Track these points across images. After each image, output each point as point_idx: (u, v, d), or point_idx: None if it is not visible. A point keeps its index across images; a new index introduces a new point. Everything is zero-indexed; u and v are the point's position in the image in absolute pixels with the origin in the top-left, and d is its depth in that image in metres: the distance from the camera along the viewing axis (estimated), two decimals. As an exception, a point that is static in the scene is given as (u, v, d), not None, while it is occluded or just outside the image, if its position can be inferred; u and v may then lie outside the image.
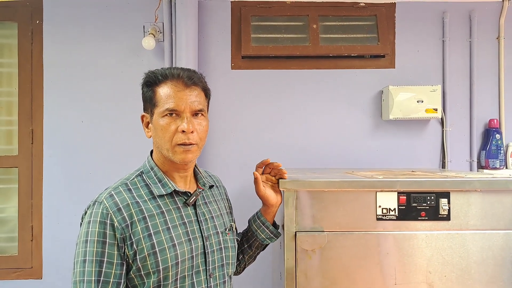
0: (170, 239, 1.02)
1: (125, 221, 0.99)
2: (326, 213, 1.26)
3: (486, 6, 2.23)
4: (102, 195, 1.03)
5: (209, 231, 1.12)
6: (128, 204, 1.01)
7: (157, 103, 1.06)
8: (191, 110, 1.05)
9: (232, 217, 1.30)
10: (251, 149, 2.23)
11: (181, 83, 1.06)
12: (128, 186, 1.05)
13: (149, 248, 0.99)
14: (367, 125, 2.24)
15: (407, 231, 1.25)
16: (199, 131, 1.07)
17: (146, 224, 1.01)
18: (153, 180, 1.08)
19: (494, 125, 2.18)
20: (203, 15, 2.23)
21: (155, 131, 1.08)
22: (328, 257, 1.25)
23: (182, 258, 1.03)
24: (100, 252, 0.96)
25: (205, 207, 1.15)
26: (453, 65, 2.23)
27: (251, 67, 2.24)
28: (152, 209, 1.03)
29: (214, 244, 1.12)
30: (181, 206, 1.09)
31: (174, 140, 1.05)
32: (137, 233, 0.99)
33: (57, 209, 2.19)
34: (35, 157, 2.20)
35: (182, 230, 1.06)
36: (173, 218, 1.06)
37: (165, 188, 1.07)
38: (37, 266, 2.19)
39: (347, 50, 2.19)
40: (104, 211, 0.99)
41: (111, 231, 0.97)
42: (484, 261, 1.25)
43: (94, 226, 0.98)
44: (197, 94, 1.08)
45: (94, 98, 2.21)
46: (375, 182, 1.25)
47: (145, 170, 1.11)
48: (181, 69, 1.08)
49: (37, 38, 2.21)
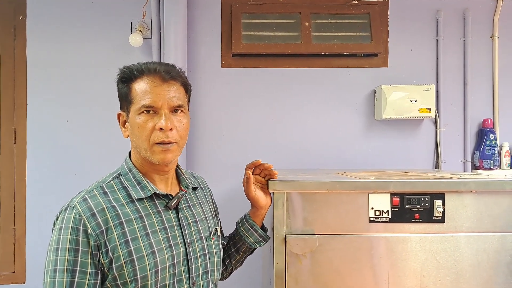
0: (149, 245, 0.95)
1: (100, 227, 0.92)
2: (317, 215, 1.22)
3: (480, 4, 2.20)
4: (75, 199, 0.96)
5: (192, 236, 1.05)
6: (103, 208, 0.94)
7: (133, 100, 0.99)
8: (169, 106, 0.98)
9: (217, 220, 1.24)
10: (242, 149, 2.18)
11: (158, 77, 0.99)
12: (103, 190, 0.99)
13: (126, 256, 0.92)
14: (360, 125, 2.20)
15: (401, 234, 1.21)
16: (179, 128, 1.00)
17: (123, 230, 0.94)
18: (131, 183, 1.01)
19: (488, 125, 2.15)
20: (192, 12, 2.18)
21: (132, 130, 1.01)
22: (319, 261, 1.20)
23: (162, 265, 0.96)
24: (72, 261, 0.88)
25: (188, 210, 1.08)
26: (447, 64, 2.20)
27: (242, 65, 2.20)
28: (129, 213, 0.96)
29: (198, 250, 1.05)
30: (162, 210, 1.02)
31: (151, 139, 0.98)
32: (113, 240, 0.92)
33: (41, 211, 2.12)
34: (18, 157, 2.13)
35: (163, 236, 0.99)
36: (153, 223, 0.99)
37: (144, 191, 1.00)
38: (20, 270, 2.12)
39: (340, 48, 2.14)
40: (76, 217, 0.92)
41: (84, 238, 0.90)
42: (479, 264, 1.21)
43: (65, 233, 0.90)
44: (176, 89, 1.01)
45: (80, 96, 2.15)
46: (367, 183, 1.20)
47: (123, 172, 1.04)
48: (158, 63, 1.02)
49: (20, 34, 2.14)
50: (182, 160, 2.06)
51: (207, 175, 2.17)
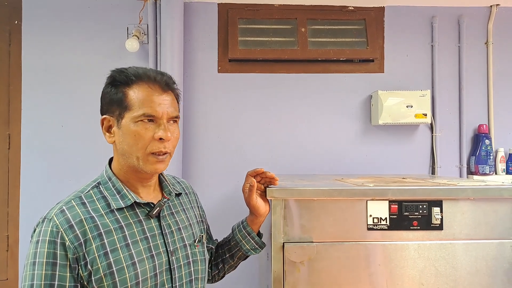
0: (129, 256, 0.93)
1: (78, 239, 0.89)
2: (315, 222, 1.21)
3: (475, 11, 2.22)
4: (52, 211, 0.92)
5: (176, 244, 1.02)
6: (82, 220, 0.91)
7: (130, 107, 0.95)
8: (168, 116, 0.98)
9: (203, 226, 1.19)
10: (238, 155, 2.17)
11: (158, 87, 0.97)
12: (82, 200, 0.95)
13: (105, 268, 0.89)
14: (356, 130, 2.20)
15: (399, 241, 1.21)
16: (173, 139, 1.00)
17: (102, 241, 0.91)
18: (111, 192, 0.98)
19: (483, 130, 2.16)
20: (189, 17, 2.18)
21: (124, 137, 0.97)
22: (317, 269, 1.20)
23: (144, 277, 0.93)
24: (50, 275, 0.86)
25: (171, 218, 1.05)
26: (442, 70, 2.22)
27: (239, 71, 2.19)
28: (109, 224, 0.93)
29: (181, 258, 1.03)
30: (143, 219, 0.99)
31: (148, 148, 0.96)
32: (92, 252, 0.89)
33: (35, 218, 2.06)
34: (12, 163, 2.11)
35: (144, 246, 0.96)
36: (134, 233, 0.96)
37: (124, 200, 0.97)
38: (12, 277, 2.09)
39: (336, 54, 2.15)
40: (54, 229, 0.88)
41: (62, 251, 0.87)
42: (478, 272, 1.21)
43: (42, 247, 0.87)
44: (172, 99, 1.01)
45: (75, 102, 2.13)
46: (366, 190, 1.20)
47: (103, 181, 1.01)
48: (156, 71, 1.00)
49: (15, 39, 2.13)
50: (177, 166, 2.05)
51: (203, 180, 2.17)
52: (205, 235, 1.17)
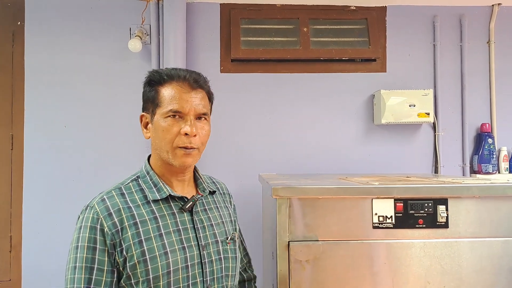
0: (162, 246, 0.97)
1: (116, 226, 0.95)
2: (320, 221, 1.21)
3: (477, 10, 2.22)
4: (94, 200, 1.00)
5: (207, 239, 1.05)
6: (120, 209, 0.97)
7: (160, 104, 1.02)
8: (195, 113, 1.02)
9: (235, 226, 1.21)
10: (241, 155, 2.17)
11: (187, 85, 1.03)
12: (121, 191, 1.02)
13: (139, 256, 0.94)
14: (358, 130, 2.20)
15: (405, 240, 1.21)
16: (201, 135, 1.04)
17: (137, 230, 0.96)
18: (148, 185, 1.05)
19: (486, 129, 2.16)
20: (191, 17, 2.18)
21: (155, 132, 1.03)
22: (323, 268, 1.19)
23: (175, 267, 0.97)
24: (90, 258, 0.93)
25: (203, 213, 1.09)
26: (444, 69, 2.22)
27: (241, 71, 2.19)
28: (144, 214, 0.99)
29: (213, 253, 1.05)
30: (177, 212, 1.03)
31: (175, 142, 1.01)
32: (127, 239, 0.95)
33: (38, 218, 2.09)
34: (15, 163, 2.11)
35: (176, 238, 1.00)
36: (167, 224, 1.00)
37: (160, 193, 1.03)
38: (16, 278, 2.09)
39: (338, 53, 2.15)
40: (94, 216, 0.96)
41: (101, 236, 0.94)
42: (483, 269, 1.21)
43: (84, 232, 0.95)
44: (202, 97, 1.05)
45: (78, 102, 2.13)
46: (371, 189, 1.20)
47: (141, 175, 1.08)
48: (187, 70, 1.06)
49: (18, 39, 2.13)
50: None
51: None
52: (237, 234, 1.18)
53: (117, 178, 2.18)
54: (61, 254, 2.09)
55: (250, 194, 2.11)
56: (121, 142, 2.14)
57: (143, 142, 2.14)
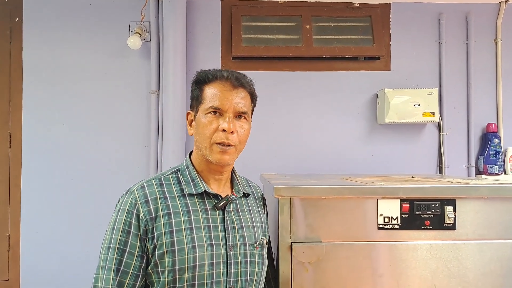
0: (191, 239, 0.99)
1: (151, 213, 0.99)
2: (324, 222, 1.17)
3: (483, 8, 2.18)
4: (134, 186, 1.04)
5: (236, 240, 1.05)
6: (156, 198, 1.02)
7: (203, 101, 1.06)
8: (234, 111, 1.05)
9: (265, 232, 1.18)
10: (242, 154, 2.13)
11: (229, 83, 1.06)
12: (161, 181, 1.06)
13: (169, 245, 0.97)
14: (362, 129, 2.17)
15: (411, 241, 1.17)
16: (240, 133, 1.06)
17: (170, 220, 1.00)
18: (186, 179, 1.08)
19: (492, 129, 2.12)
20: (191, 14, 2.15)
21: (197, 128, 1.07)
22: (326, 270, 1.16)
23: (201, 262, 0.98)
24: (124, 241, 0.97)
25: (235, 214, 1.09)
26: (450, 67, 2.18)
27: (242, 69, 2.15)
28: (178, 206, 1.02)
29: (239, 255, 1.05)
30: (209, 209, 1.05)
31: (213, 138, 1.03)
32: (159, 228, 0.98)
33: (36, 218, 2.07)
34: (13, 162, 2.08)
35: (205, 233, 1.02)
36: (198, 219, 1.03)
37: (196, 188, 1.06)
38: (14, 278, 2.06)
39: (341, 51, 2.12)
40: (133, 201, 1.00)
41: (136, 221, 0.98)
42: (492, 273, 1.17)
43: (122, 215, 0.99)
44: (243, 97, 1.08)
45: (76, 100, 2.10)
46: (376, 189, 1.16)
47: (181, 169, 1.11)
48: (231, 71, 1.09)
49: (16, 37, 2.10)
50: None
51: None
52: (266, 240, 1.16)
53: (116, 177, 2.16)
54: (59, 253, 2.06)
55: (251, 194, 2.07)
56: (120, 140, 2.11)
57: (142, 141, 2.11)
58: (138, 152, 2.11)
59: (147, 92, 2.11)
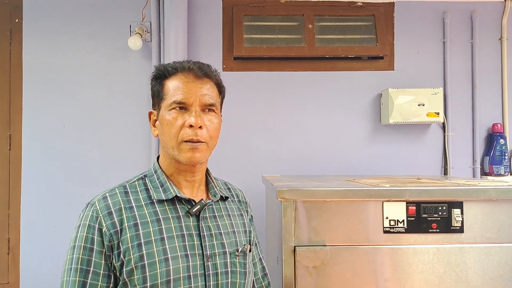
0: (162, 251, 0.88)
1: (115, 226, 0.88)
2: (328, 225, 1.15)
3: (488, 6, 2.15)
4: (96, 197, 0.93)
5: (214, 249, 0.95)
6: (121, 208, 0.91)
7: (164, 96, 0.96)
8: (201, 103, 0.94)
9: (250, 237, 1.08)
10: (244, 155, 2.11)
11: (192, 74, 0.95)
12: (126, 189, 0.95)
13: (137, 260, 0.86)
14: (365, 130, 2.14)
15: (417, 245, 1.15)
16: (210, 128, 0.95)
17: (137, 231, 0.89)
18: (154, 184, 0.97)
19: (497, 129, 2.09)
20: (193, 14, 2.12)
21: (161, 128, 0.96)
22: (331, 274, 1.13)
23: (176, 275, 0.88)
24: (86, 260, 0.86)
25: (212, 220, 0.98)
26: (455, 67, 2.15)
27: (244, 69, 2.13)
28: (146, 215, 0.91)
29: (219, 265, 0.94)
30: (182, 216, 0.94)
31: (180, 136, 0.93)
32: (126, 242, 0.87)
33: (36, 220, 2.05)
34: (13, 164, 2.06)
35: (179, 243, 0.91)
36: (170, 228, 0.92)
37: (166, 193, 0.95)
38: (14, 281, 2.04)
39: (344, 51, 2.09)
40: (94, 214, 0.89)
41: (99, 237, 0.87)
42: (501, 277, 1.14)
43: (82, 231, 0.88)
44: (209, 88, 0.97)
45: (77, 101, 2.08)
46: (382, 191, 1.14)
47: (149, 174, 1.01)
48: (193, 61, 0.98)
49: (16, 37, 2.08)
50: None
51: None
52: (250, 247, 1.06)
53: (116, 179, 2.13)
54: (59, 256, 2.04)
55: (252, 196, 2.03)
56: (121, 142, 2.09)
57: (143, 142, 2.09)
58: (139, 154, 2.08)
59: (148, 93, 2.09)
